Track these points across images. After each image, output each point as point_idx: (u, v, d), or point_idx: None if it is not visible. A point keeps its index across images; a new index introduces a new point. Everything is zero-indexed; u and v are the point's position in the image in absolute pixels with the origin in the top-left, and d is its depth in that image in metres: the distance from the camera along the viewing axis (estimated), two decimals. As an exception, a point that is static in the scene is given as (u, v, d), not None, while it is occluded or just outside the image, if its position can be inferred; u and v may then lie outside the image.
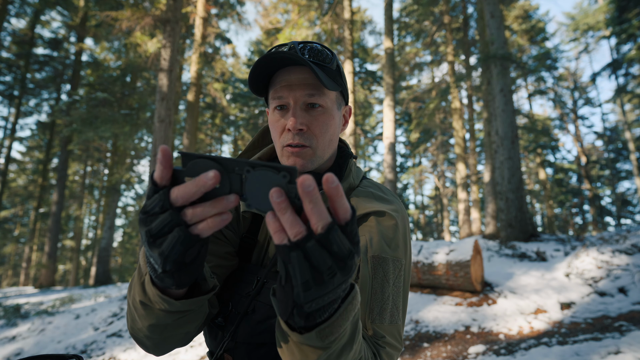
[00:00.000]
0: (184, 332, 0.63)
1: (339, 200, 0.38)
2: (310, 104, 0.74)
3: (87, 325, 5.56)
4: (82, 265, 28.63)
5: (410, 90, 21.38)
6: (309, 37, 10.59)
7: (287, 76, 0.73)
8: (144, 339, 0.63)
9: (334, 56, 0.77)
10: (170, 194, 0.40)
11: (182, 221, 0.40)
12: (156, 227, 0.41)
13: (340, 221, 0.38)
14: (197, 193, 0.39)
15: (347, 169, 0.82)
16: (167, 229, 0.40)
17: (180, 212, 0.40)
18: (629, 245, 5.27)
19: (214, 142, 25.02)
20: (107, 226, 13.72)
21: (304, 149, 0.73)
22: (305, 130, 0.73)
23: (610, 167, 22.33)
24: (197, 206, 0.40)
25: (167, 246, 0.41)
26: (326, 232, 0.36)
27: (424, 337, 3.84)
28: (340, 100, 0.81)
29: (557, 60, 18.79)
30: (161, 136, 7.61)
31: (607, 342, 2.91)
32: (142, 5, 10.18)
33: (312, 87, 0.73)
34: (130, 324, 0.63)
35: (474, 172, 15.43)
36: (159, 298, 0.53)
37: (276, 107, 0.75)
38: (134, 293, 0.58)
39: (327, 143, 0.77)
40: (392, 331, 0.68)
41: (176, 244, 0.41)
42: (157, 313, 0.56)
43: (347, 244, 0.38)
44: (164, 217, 0.40)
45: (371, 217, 0.74)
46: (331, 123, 0.76)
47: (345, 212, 0.38)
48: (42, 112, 17.72)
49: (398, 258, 0.72)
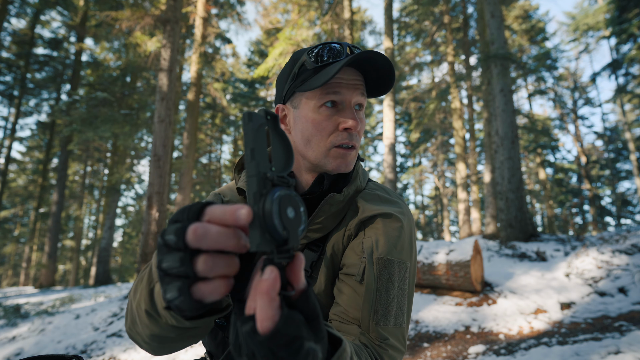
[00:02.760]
0: (186, 345, 0.60)
1: (259, 304, 0.31)
2: (359, 105, 0.75)
3: (87, 325, 5.56)
4: (82, 265, 28.63)
5: (410, 90, 21.37)
6: (309, 37, 10.58)
7: (347, 75, 0.73)
8: (143, 343, 0.60)
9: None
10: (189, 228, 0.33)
11: (190, 272, 0.33)
12: (166, 264, 0.35)
13: (259, 330, 0.31)
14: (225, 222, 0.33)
15: (354, 171, 0.82)
16: (174, 272, 0.34)
17: (193, 258, 0.34)
18: (629, 245, 5.27)
19: (214, 142, 25.01)
20: (107, 226, 13.72)
21: (352, 151, 0.74)
22: (355, 132, 0.74)
23: (610, 167, 22.33)
24: (216, 256, 0.34)
25: (169, 293, 0.35)
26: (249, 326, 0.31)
27: (424, 337, 3.84)
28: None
29: (557, 60, 18.80)
30: (161, 136, 7.61)
31: (607, 342, 2.90)
32: (142, 5, 10.17)
33: (362, 88, 0.74)
34: (130, 325, 0.60)
35: (474, 172, 15.43)
36: (168, 314, 0.48)
37: (325, 103, 0.73)
38: (139, 299, 0.54)
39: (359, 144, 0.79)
40: (397, 333, 0.68)
41: (175, 300, 0.34)
42: (162, 325, 0.51)
43: (269, 354, 0.31)
44: (175, 257, 0.34)
45: (378, 218, 0.74)
46: (364, 125, 0.78)
47: (264, 321, 0.31)
48: (42, 112, 17.72)
49: (403, 260, 0.72)
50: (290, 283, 0.34)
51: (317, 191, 0.77)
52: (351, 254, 0.73)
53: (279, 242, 0.32)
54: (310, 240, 0.78)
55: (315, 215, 0.75)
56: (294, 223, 0.33)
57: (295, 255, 0.34)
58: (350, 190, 0.77)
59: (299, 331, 0.31)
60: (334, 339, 0.46)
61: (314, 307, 0.34)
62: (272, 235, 0.32)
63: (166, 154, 7.59)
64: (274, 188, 0.33)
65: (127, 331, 0.63)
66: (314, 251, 0.77)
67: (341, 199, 0.76)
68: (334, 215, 0.77)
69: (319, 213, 0.75)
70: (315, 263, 0.77)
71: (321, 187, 0.77)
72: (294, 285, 0.34)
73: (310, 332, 0.33)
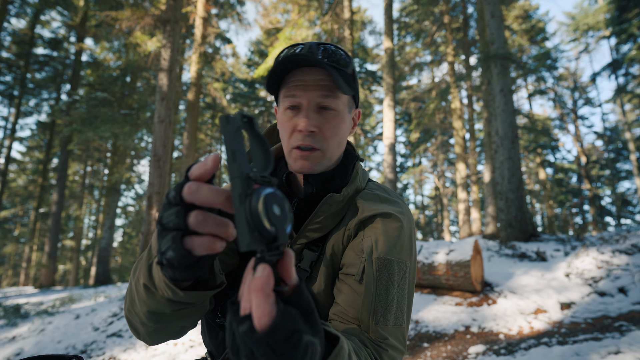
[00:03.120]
0: (180, 326, 0.61)
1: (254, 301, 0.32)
2: (323, 106, 0.73)
3: (87, 325, 5.56)
4: (82, 265, 28.63)
5: (410, 90, 21.38)
6: (309, 37, 10.58)
7: (302, 76, 0.72)
8: (139, 325, 0.61)
9: (350, 60, 0.77)
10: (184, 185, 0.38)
11: (182, 224, 0.38)
12: (165, 219, 0.40)
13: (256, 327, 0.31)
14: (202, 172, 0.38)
15: (353, 171, 0.82)
16: (171, 225, 0.39)
17: (186, 213, 0.38)
18: (629, 245, 5.27)
19: (214, 142, 25.02)
20: (107, 226, 13.72)
21: (313, 152, 0.73)
22: (317, 133, 0.73)
23: (610, 167, 22.33)
24: (207, 213, 0.38)
25: (164, 244, 0.40)
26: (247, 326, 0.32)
27: (424, 337, 3.84)
28: (352, 104, 0.80)
29: (557, 60, 18.80)
30: (161, 136, 7.61)
31: (607, 342, 2.91)
32: (142, 5, 10.17)
33: (326, 89, 0.72)
34: (128, 306, 0.61)
35: (474, 172, 15.43)
36: (164, 284, 0.50)
37: (288, 107, 0.74)
38: (138, 274, 0.57)
39: (336, 146, 0.76)
40: (396, 333, 0.68)
41: (168, 250, 0.40)
42: (159, 299, 0.54)
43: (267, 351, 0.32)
44: (172, 211, 0.39)
45: (377, 218, 0.74)
46: (342, 126, 0.76)
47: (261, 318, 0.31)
48: (42, 112, 17.72)
49: (403, 260, 0.72)
50: (283, 279, 0.34)
51: (311, 192, 0.77)
52: (351, 254, 0.73)
53: (268, 239, 0.33)
54: (309, 240, 0.77)
55: (315, 215, 0.75)
56: (281, 220, 0.34)
57: (285, 251, 0.35)
58: (350, 191, 0.77)
59: (297, 324, 0.32)
60: (332, 337, 0.46)
61: (308, 301, 0.35)
62: (261, 233, 0.32)
63: (166, 154, 7.59)
64: (257, 188, 0.34)
65: (125, 315, 0.64)
66: (314, 251, 0.77)
67: (340, 199, 0.76)
68: (333, 215, 0.76)
69: (318, 213, 0.75)
70: (314, 263, 0.77)
71: (312, 187, 0.77)
72: (287, 281, 0.34)
73: (307, 325, 0.34)
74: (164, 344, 4.35)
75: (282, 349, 0.31)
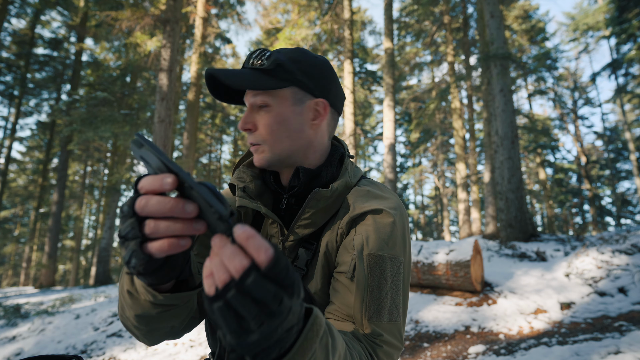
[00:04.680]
0: (170, 326, 0.64)
1: (251, 244, 0.34)
2: (260, 105, 0.76)
3: (87, 325, 5.57)
4: (82, 265, 28.63)
5: (410, 90, 21.38)
6: (308, 37, 10.58)
7: None
8: (133, 328, 0.65)
9: (273, 54, 0.76)
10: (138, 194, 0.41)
11: (139, 233, 0.41)
12: (123, 231, 0.42)
13: (260, 264, 0.34)
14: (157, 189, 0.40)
15: (342, 167, 0.82)
16: (129, 236, 0.42)
17: (141, 223, 0.41)
18: (629, 245, 5.27)
19: (214, 142, 25.02)
20: (107, 226, 13.72)
21: (258, 147, 0.78)
22: (254, 130, 0.77)
23: (610, 167, 22.33)
24: (160, 220, 0.41)
25: (127, 254, 0.43)
26: (241, 278, 0.34)
27: (424, 337, 3.84)
28: (303, 95, 0.78)
29: (557, 60, 18.79)
30: (161, 136, 7.61)
31: (607, 342, 2.91)
32: (142, 5, 10.17)
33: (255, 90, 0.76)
34: (120, 311, 0.65)
35: (474, 172, 15.43)
36: (144, 289, 0.54)
37: None
38: (122, 282, 0.60)
39: (283, 139, 0.76)
40: (392, 329, 0.68)
41: (132, 257, 0.43)
42: (143, 304, 0.57)
43: (272, 288, 0.34)
44: (128, 223, 0.42)
45: (368, 215, 0.74)
46: (279, 120, 0.75)
47: (263, 253, 0.34)
48: (42, 112, 17.71)
49: (396, 256, 0.72)
50: None
51: (296, 185, 0.79)
52: (343, 252, 0.73)
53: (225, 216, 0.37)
54: (300, 237, 0.77)
55: (302, 211, 0.75)
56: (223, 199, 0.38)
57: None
58: (339, 186, 0.77)
59: (289, 262, 0.36)
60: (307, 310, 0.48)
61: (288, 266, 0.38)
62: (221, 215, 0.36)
63: (166, 154, 7.59)
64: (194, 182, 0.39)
65: (120, 319, 0.69)
66: (309, 249, 0.77)
67: (328, 195, 0.75)
68: (322, 210, 0.76)
69: (305, 209, 0.75)
70: (310, 262, 0.77)
71: (298, 180, 0.79)
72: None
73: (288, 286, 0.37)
74: (163, 344, 4.36)
75: (285, 280, 0.35)
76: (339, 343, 0.51)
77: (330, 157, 0.84)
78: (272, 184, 0.82)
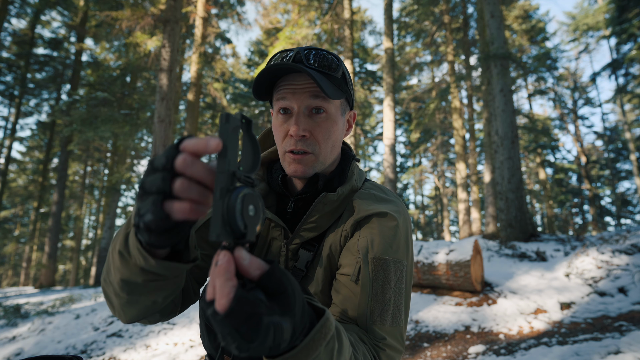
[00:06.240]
0: (151, 301, 0.61)
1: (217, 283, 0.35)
2: (315, 109, 0.73)
3: (87, 325, 5.56)
4: (82, 265, 28.62)
5: (410, 90, 21.37)
6: (308, 37, 10.57)
7: (292, 80, 0.73)
8: (113, 296, 0.62)
9: (340, 63, 0.76)
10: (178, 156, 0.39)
11: (167, 188, 0.39)
12: (149, 183, 0.40)
13: (218, 309, 0.34)
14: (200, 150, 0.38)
15: (349, 171, 0.82)
16: (153, 189, 0.40)
17: (172, 179, 0.39)
18: (629, 245, 5.27)
19: (214, 142, 24.98)
20: (107, 226, 13.72)
21: (306, 156, 0.73)
22: (308, 137, 0.73)
23: (610, 167, 22.33)
24: (192, 182, 0.39)
25: (144, 207, 0.41)
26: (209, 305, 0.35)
27: (424, 337, 3.84)
28: (345, 106, 0.80)
29: (557, 60, 18.79)
30: (161, 136, 7.61)
31: (607, 342, 2.91)
32: (142, 5, 10.17)
33: (315, 92, 0.73)
34: (104, 275, 0.63)
35: (474, 172, 15.42)
36: (138, 251, 0.51)
37: (280, 110, 0.75)
38: (115, 243, 0.58)
39: (330, 149, 0.76)
40: (394, 333, 0.68)
41: (147, 212, 0.40)
42: (132, 268, 0.54)
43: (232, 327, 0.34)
44: (158, 176, 0.40)
45: (373, 218, 0.74)
46: (334, 129, 0.76)
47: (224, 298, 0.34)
48: (42, 112, 17.72)
49: (399, 259, 0.72)
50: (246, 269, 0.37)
51: (311, 191, 0.78)
52: (347, 254, 0.73)
53: (237, 235, 0.35)
54: (304, 240, 0.77)
55: (309, 215, 0.75)
56: (254, 220, 0.37)
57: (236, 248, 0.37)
58: (345, 190, 0.77)
59: (255, 308, 0.35)
60: (319, 311, 0.47)
61: (280, 282, 0.38)
62: (233, 228, 0.35)
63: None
64: (239, 186, 0.37)
65: (102, 285, 0.65)
66: (309, 251, 0.77)
67: (335, 199, 0.76)
68: (328, 214, 0.77)
69: (312, 212, 0.75)
70: (310, 263, 0.77)
71: (315, 186, 0.78)
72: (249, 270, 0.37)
73: (274, 306, 0.37)
74: (163, 344, 4.35)
75: (243, 329, 0.34)
76: (345, 349, 0.51)
77: (342, 163, 0.84)
78: (280, 187, 0.81)
